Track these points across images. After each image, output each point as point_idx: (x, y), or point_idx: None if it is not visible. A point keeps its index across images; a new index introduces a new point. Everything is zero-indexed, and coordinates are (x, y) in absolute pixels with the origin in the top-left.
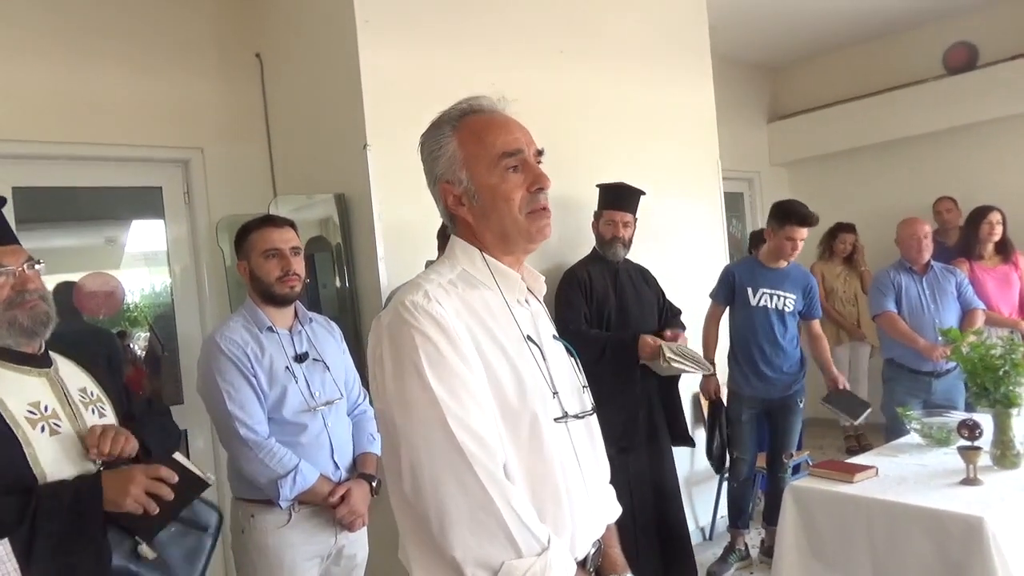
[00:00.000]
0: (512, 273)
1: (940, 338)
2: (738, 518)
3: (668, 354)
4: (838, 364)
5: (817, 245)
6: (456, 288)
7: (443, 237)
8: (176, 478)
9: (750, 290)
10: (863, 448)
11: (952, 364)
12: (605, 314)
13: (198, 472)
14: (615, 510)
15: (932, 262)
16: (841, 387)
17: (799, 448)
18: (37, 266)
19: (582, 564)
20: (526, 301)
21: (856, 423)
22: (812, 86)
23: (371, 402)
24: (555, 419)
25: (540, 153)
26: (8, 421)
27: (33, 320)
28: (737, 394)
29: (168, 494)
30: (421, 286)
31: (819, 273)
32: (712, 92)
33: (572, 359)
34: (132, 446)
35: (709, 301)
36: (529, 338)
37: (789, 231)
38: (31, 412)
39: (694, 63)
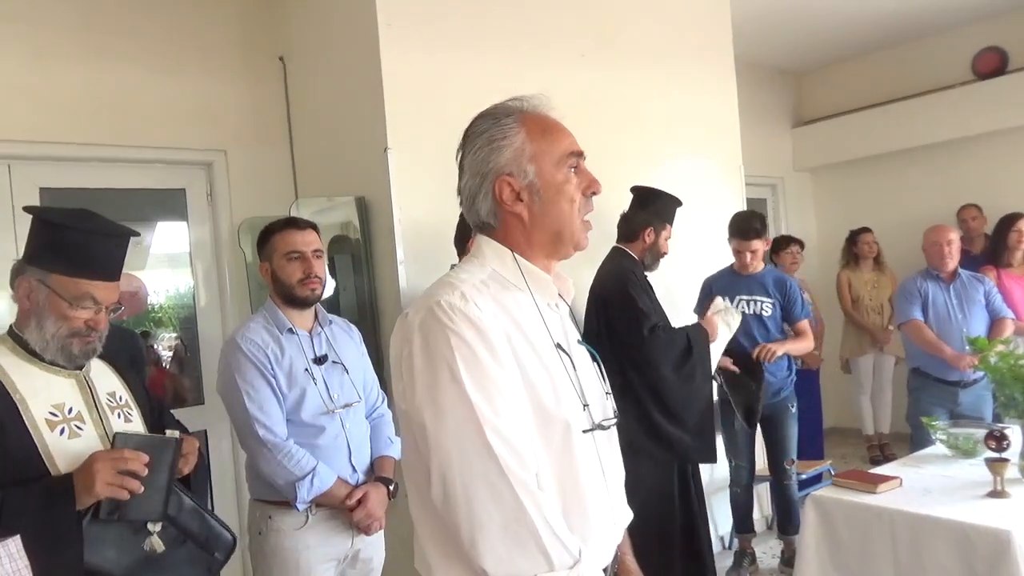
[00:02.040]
0: (544, 275)
1: (967, 347)
2: (743, 524)
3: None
4: (860, 374)
5: (840, 256)
6: (488, 288)
7: (460, 243)
8: (147, 457)
9: (727, 300)
10: (887, 458)
11: (979, 374)
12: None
13: (159, 435)
14: (628, 515)
15: (960, 270)
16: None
17: (821, 456)
18: (117, 312)
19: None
20: (555, 305)
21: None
22: (837, 91)
23: (389, 404)
24: (584, 431)
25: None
26: (27, 423)
27: (82, 354)
28: (728, 401)
29: (141, 468)
30: (456, 286)
31: (845, 281)
32: (735, 97)
33: (596, 365)
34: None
35: None
36: (558, 346)
37: (733, 244)
38: (53, 414)
39: (717, 67)
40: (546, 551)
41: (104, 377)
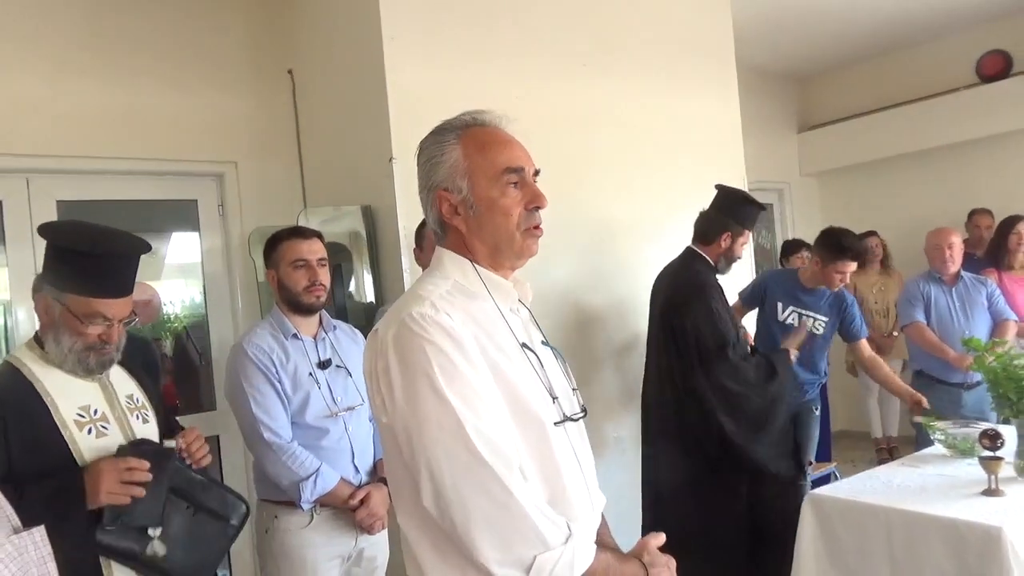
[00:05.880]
0: (504, 282)
1: (969, 350)
2: None
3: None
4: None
5: None
6: (455, 298)
7: (422, 235)
8: (147, 464)
9: (780, 305)
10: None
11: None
12: (740, 334)
13: (158, 446)
14: (602, 500)
15: (963, 273)
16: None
17: (828, 459)
18: (131, 324)
19: None
20: (516, 309)
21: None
22: (843, 96)
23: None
24: (555, 423)
25: (537, 173)
26: (57, 422)
27: (99, 365)
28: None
29: (145, 476)
30: (425, 298)
31: (851, 284)
32: (737, 104)
33: (561, 363)
34: (207, 459)
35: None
36: (524, 345)
37: (841, 266)
38: (80, 415)
39: (719, 75)
40: (540, 532)
41: (123, 381)
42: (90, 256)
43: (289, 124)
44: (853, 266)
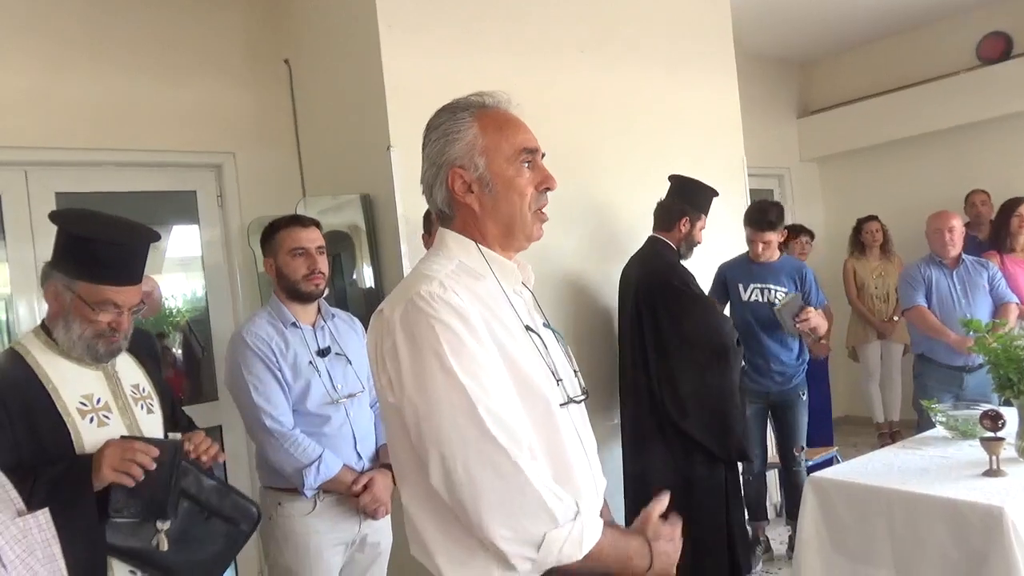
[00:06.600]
0: (508, 263)
1: (969, 332)
2: (755, 511)
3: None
4: (867, 362)
5: (848, 245)
6: (460, 278)
7: (430, 221)
8: (156, 451)
9: (740, 286)
10: None
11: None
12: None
13: (161, 439)
14: (604, 482)
15: (964, 256)
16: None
17: (831, 443)
18: (138, 312)
19: None
20: (519, 291)
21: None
22: (843, 80)
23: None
24: (560, 404)
25: (543, 156)
26: (60, 410)
27: (107, 353)
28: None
29: (148, 462)
30: (432, 277)
31: (851, 269)
32: (736, 89)
33: (563, 345)
34: (220, 456)
35: None
36: (528, 327)
37: (748, 234)
38: (83, 404)
39: (717, 60)
40: (550, 510)
41: (129, 370)
42: (103, 244)
43: (286, 114)
44: (764, 235)
